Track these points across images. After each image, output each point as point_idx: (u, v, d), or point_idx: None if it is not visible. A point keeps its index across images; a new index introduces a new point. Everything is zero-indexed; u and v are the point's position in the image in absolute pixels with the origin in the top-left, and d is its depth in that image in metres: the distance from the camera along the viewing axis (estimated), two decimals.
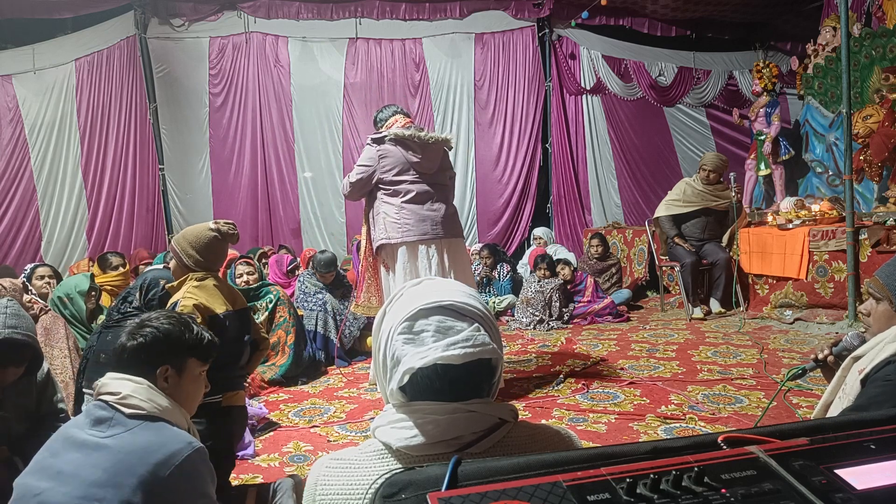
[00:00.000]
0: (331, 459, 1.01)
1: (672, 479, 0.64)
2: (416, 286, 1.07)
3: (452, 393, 0.96)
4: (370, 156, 3.70)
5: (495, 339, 1.01)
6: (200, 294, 2.34)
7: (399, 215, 3.61)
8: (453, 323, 0.98)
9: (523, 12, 8.53)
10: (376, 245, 3.73)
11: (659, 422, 3.13)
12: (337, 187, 8.32)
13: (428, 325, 0.98)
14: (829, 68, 6.82)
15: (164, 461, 1.39)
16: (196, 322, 1.75)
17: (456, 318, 0.98)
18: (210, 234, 2.47)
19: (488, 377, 1.00)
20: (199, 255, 2.44)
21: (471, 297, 1.03)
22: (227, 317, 2.37)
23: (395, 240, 3.60)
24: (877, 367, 1.60)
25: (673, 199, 6.06)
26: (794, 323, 5.10)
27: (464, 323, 0.98)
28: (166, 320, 1.65)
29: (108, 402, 1.48)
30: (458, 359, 0.95)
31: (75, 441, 1.44)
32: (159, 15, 7.73)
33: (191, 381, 1.66)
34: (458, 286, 1.07)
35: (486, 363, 0.99)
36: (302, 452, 2.98)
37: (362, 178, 3.69)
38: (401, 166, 3.65)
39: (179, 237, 2.51)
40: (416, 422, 0.95)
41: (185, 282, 2.42)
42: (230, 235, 2.54)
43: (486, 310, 1.04)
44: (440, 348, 0.95)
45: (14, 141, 7.28)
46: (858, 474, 0.65)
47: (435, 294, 1.01)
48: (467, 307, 1.00)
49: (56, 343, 3.11)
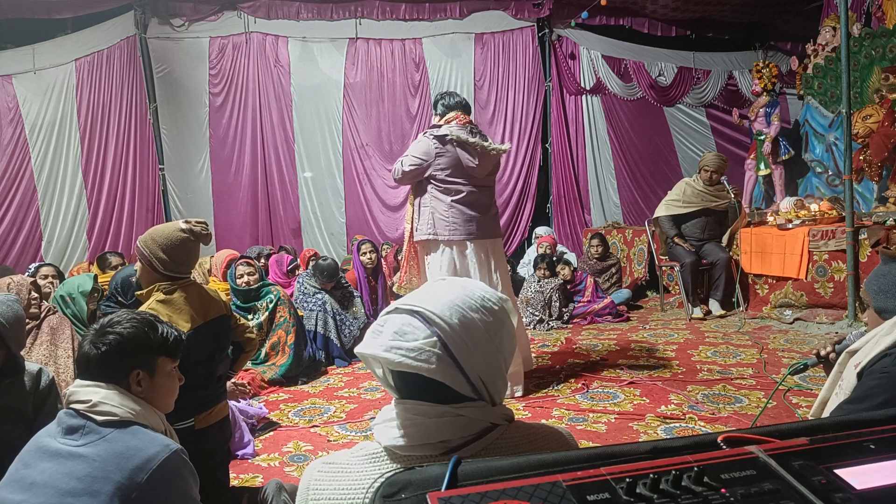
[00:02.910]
0: (323, 463, 1.01)
1: (672, 479, 0.64)
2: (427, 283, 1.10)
3: (429, 393, 0.96)
4: (426, 150, 3.61)
5: (467, 365, 0.96)
6: (164, 310, 2.17)
7: (448, 213, 3.62)
8: (414, 330, 0.97)
9: (523, 12, 8.54)
10: (420, 238, 3.72)
11: (659, 422, 3.13)
12: (337, 187, 8.33)
13: (394, 323, 0.99)
14: (828, 68, 6.82)
15: (140, 466, 1.36)
16: (160, 320, 1.67)
17: (417, 328, 0.97)
18: (181, 235, 2.27)
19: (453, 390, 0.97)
20: (168, 258, 2.25)
21: (456, 312, 0.98)
22: (195, 334, 2.19)
23: (443, 237, 3.63)
24: (873, 360, 1.62)
25: (673, 199, 6.06)
26: (794, 323, 5.10)
27: (421, 336, 0.96)
28: (129, 323, 1.57)
29: (79, 411, 1.44)
30: (391, 364, 0.96)
31: (48, 451, 1.40)
32: (159, 15, 7.74)
33: (164, 378, 1.61)
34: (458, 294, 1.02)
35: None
36: (302, 452, 2.98)
37: (415, 171, 3.64)
38: (455, 167, 3.63)
39: (147, 238, 2.28)
40: (404, 422, 0.96)
41: (151, 293, 2.25)
42: (203, 236, 2.34)
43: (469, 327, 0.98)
44: (382, 346, 0.96)
45: (14, 141, 7.28)
46: (858, 474, 0.65)
47: (419, 298, 1.02)
48: (439, 320, 0.97)
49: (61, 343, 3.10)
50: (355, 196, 8.35)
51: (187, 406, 1.72)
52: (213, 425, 2.25)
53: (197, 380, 2.09)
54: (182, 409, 1.71)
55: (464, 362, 0.96)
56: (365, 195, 8.33)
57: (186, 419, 2.11)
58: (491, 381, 1.00)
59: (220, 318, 2.36)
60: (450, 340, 0.96)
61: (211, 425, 2.25)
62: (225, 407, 2.39)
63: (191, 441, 1.93)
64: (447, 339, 0.96)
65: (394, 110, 8.38)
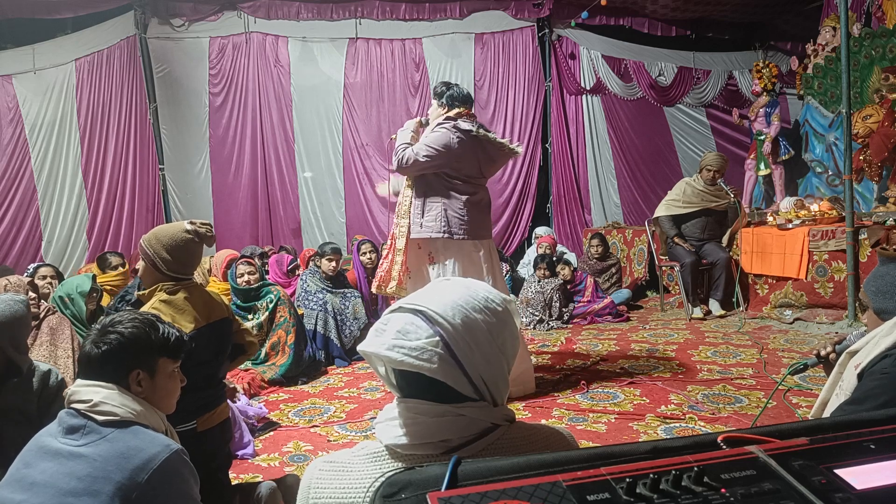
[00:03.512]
0: (324, 462, 1.01)
1: (672, 479, 0.64)
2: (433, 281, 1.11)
3: (431, 393, 0.96)
4: (447, 142, 3.44)
5: (468, 364, 0.96)
6: (167, 310, 2.15)
7: (464, 212, 3.49)
8: (417, 329, 0.97)
9: (523, 12, 8.53)
10: (428, 236, 3.53)
11: (659, 422, 3.13)
12: (337, 187, 8.32)
13: (397, 322, 0.99)
14: (828, 68, 6.82)
15: (141, 466, 1.36)
16: (161, 320, 1.66)
17: (420, 328, 0.97)
18: (186, 236, 2.26)
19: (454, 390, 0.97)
20: (172, 258, 2.23)
21: (460, 311, 0.98)
22: (198, 335, 2.17)
23: (458, 236, 3.50)
24: (873, 360, 1.62)
25: (673, 199, 6.06)
26: (794, 323, 5.10)
27: (423, 336, 0.96)
28: (130, 323, 1.56)
29: (80, 411, 1.44)
30: (393, 363, 0.96)
31: (49, 450, 1.40)
32: (159, 15, 7.74)
33: (165, 379, 1.60)
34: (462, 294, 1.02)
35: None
36: (302, 452, 2.98)
37: (429, 163, 3.43)
38: (471, 164, 3.54)
39: (151, 237, 2.27)
40: (405, 421, 0.96)
41: (154, 293, 2.23)
42: (207, 238, 2.32)
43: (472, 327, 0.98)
44: (385, 345, 0.96)
45: (14, 141, 7.28)
46: (858, 474, 0.65)
47: (423, 297, 1.02)
48: (443, 320, 0.97)
49: (61, 343, 3.11)
50: (355, 196, 8.35)
51: (188, 408, 1.70)
52: (214, 427, 2.24)
53: (198, 381, 2.07)
54: (184, 412, 1.69)
55: (466, 362, 0.96)
56: (365, 195, 8.32)
57: (188, 421, 2.10)
58: (493, 382, 0.99)
59: (223, 321, 2.35)
60: (452, 340, 0.96)
61: (213, 427, 2.24)
62: (226, 408, 2.39)
63: (193, 443, 1.91)
64: (449, 338, 0.96)
65: (394, 110, 8.37)
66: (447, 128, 3.47)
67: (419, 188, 3.57)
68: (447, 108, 3.58)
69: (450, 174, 3.50)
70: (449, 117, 3.53)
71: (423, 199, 3.55)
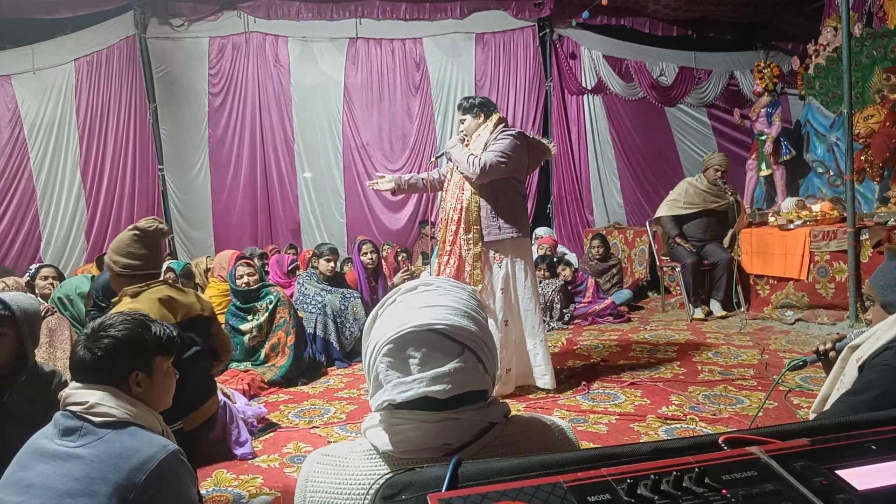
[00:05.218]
0: (322, 455, 1.02)
1: (673, 480, 0.64)
2: (410, 292, 1.04)
3: (439, 404, 0.95)
4: (514, 147, 3.56)
5: (489, 363, 0.98)
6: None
7: (522, 211, 3.71)
8: (440, 353, 0.94)
9: (524, 12, 8.54)
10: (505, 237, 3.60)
11: (660, 422, 3.12)
12: (337, 187, 8.33)
13: (414, 352, 0.94)
14: (830, 68, 6.82)
15: (138, 466, 1.36)
16: (151, 318, 1.66)
17: (444, 346, 0.94)
18: (130, 234, 2.36)
19: (480, 396, 0.99)
20: (124, 258, 2.31)
21: (465, 316, 0.98)
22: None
23: (523, 234, 3.70)
24: (875, 353, 1.63)
25: (674, 199, 6.05)
26: (795, 323, 5.09)
27: (452, 353, 0.94)
28: (122, 325, 1.55)
29: (76, 413, 1.43)
30: (443, 394, 0.93)
31: (45, 452, 1.40)
32: (159, 15, 7.74)
33: (162, 377, 1.61)
34: (455, 298, 1.02)
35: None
36: (302, 453, 2.97)
37: (507, 167, 3.54)
38: (523, 165, 3.72)
39: (109, 248, 2.39)
40: (403, 427, 0.94)
41: (122, 298, 2.27)
42: (152, 231, 2.37)
43: (480, 327, 0.99)
44: (424, 382, 0.92)
45: (13, 141, 7.30)
46: (860, 475, 0.65)
47: (427, 311, 0.97)
48: (461, 330, 0.96)
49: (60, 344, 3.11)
50: (356, 196, 8.35)
51: (171, 410, 1.69)
52: (201, 424, 2.28)
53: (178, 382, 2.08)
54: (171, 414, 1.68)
55: (486, 363, 0.99)
56: (366, 195, 8.33)
57: (175, 421, 2.10)
58: (493, 371, 1.03)
59: (195, 320, 2.36)
60: (477, 348, 0.97)
61: (200, 425, 2.27)
62: (213, 404, 2.39)
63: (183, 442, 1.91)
64: (474, 347, 0.97)
65: (394, 110, 8.38)
66: (512, 134, 3.61)
67: (489, 194, 3.60)
68: (484, 118, 3.69)
69: (515, 177, 3.67)
70: (505, 123, 3.71)
71: (494, 203, 3.61)
